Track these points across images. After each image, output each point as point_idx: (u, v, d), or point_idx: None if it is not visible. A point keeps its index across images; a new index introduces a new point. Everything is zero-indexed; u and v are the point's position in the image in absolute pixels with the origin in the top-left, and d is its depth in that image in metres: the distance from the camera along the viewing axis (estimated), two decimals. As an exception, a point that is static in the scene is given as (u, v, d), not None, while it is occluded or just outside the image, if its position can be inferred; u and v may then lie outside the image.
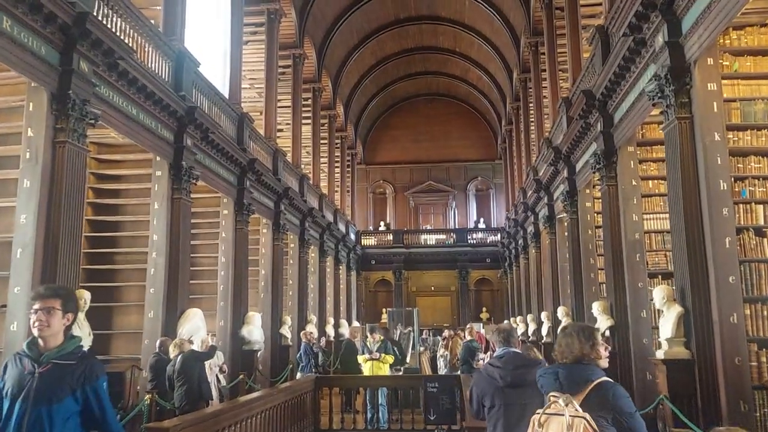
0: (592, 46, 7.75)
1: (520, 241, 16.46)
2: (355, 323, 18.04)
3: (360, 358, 8.41)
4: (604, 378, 2.21)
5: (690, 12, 4.84)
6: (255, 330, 9.82)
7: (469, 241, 23.87)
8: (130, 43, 6.68)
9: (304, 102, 16.48)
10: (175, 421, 4.28)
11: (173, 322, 7.48)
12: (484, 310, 23.02)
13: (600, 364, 2.27)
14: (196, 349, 6.38)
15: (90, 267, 7.93)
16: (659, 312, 5.45)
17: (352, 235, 22.49)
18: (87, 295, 5.89)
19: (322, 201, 17.32)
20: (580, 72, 9.06)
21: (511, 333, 3.21)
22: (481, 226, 24.62)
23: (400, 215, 25.58)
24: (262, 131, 12.52)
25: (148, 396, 5.97)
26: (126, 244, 8.26)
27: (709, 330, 4.77)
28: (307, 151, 18.08)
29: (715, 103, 4.81)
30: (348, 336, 11.30)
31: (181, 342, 6.31)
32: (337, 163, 21.21)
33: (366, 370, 8.14)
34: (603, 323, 7.14)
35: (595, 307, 7.44)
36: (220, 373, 7.81)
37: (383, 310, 20.46)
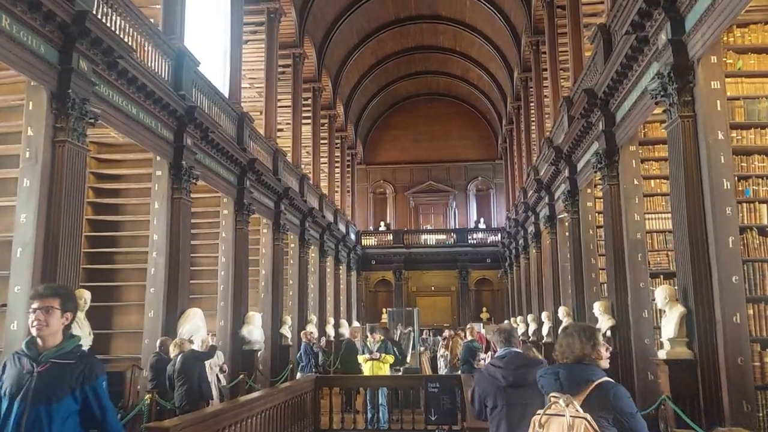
0: (593, 44, 7.72)
1: (521, 241, 16.44)
2: (355, 323, 18.02)
3: (360, 358, 8.39)
4: (605, 378, 2.19)
5: (693, 9, 4.82)
6: (255, 330, 9.81)
7: (469, 241, 23.85)
8: (129, 42, 6.66)
9: (304, 102, 16.46)
10: (175, 420, 4.26)
11: (173, 322, 7.46)
12: (485, 310, 23.01)
13: (600, 365, 2.26)
14: (197, 348, 6.36)
15: (90, 266, 7.91)
16: (661, 312, 5.42)
17: (353, 235, 22.47)
18: (87, 294, 5.88)
19: (322, 201, 17.30)
20: (581, 71, 9.04)
21: (512, 333, 3.20)
22: (482, 226, 24.60)
23: (401, 215, 25.56)
24: (262, 131, 12.50)
25: (148, 396, 5.96)
26: (126, 243, 8.24)
27: (711, 330, 4.74)
28: (307, 151, 18.06)
29: (718, 102, 4.78)
30: (348, 336, 11.28)
31: (181, 342, 6.30)
32: (337, 163, 21.19)
33: (366, 370, 8.13)
34: (604, 323, 7.12)
35: (597, 307, 7.42)
36: (220, 372, 7.79)
37: (383, 310, 20.44)
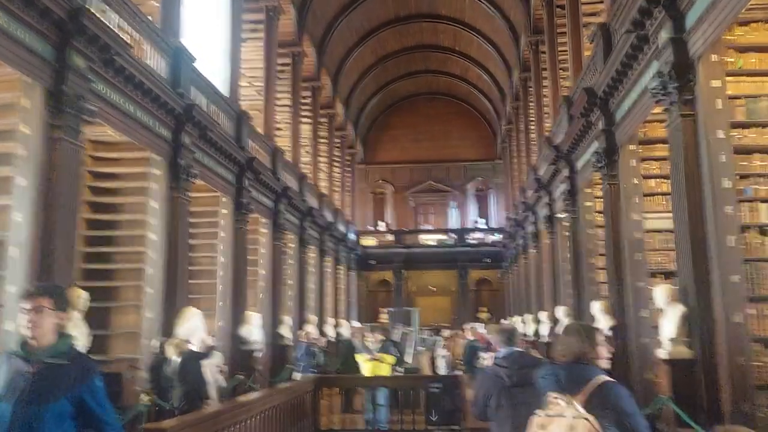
0: (593, 43, 7.70)
1: (520, 241, 16.41)
2: (355, 323, 17.97)
3: (360, 358, 8.35)
4: (606, 378, 2.17)
5: (694, 7, 4.79)
6: (254, 330, 9.76)
7: (468, 241, 23.85)
8: (126, 39, 6.61)
9: (303, 100, 16.42)
10: (173, 421, 4.22)
11: (172, 322, 7.41)
12: (484, 310, 22.99)
13: (600, 365, 2.24)
14: (195, 349, 6.31)
15: (87, 266, 7.86)
16: (661, 311, 5.39)
17: (352, 235, 22.44)
18: (85, 294, 5.82)
19: (322, 201, 17.27)
20: (581, 70, 9.01)
21: (513, 333, 3.20)
22: (481, 226, 24.58)
23: (400, 215, 25.53)
24: (260, 130, 12.46)
25: (146, 396, 5.91)
26: (123, 243, 8.17)
27: (712, 330, 4.72)
28: (306, 151, 18.02)
29: (719, 100, 4.75)
30: (348, 336, 11.24)
31: (179, 342, 6.25)
32: (336, 163, 21.17)
33: (366, 371, 8.09)
34: (604, 323, 7.09)
35: (596, 307, 7.39)
36: (219, 373, 7.74)
37: (383, 310, 20.41)
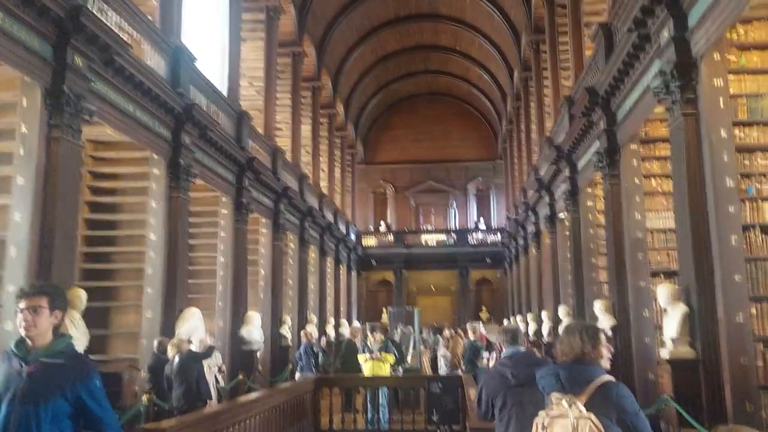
0: (595, 42, 7.67)
1: (521, 241, 16.40)
2: (355, 323, 17.95)
3: (360, 358, 8.33)
4: (607, 377, 2.16)
5: (696, 6, 4.77)
6: (254, 330, 9.75)
7: (469, 241, 23.83)
8: (125, 38, 6.59)
9: (304, 100, 16.41)
10: (173, 421, 4.21)
11: (171, 322, 7.40)
12: (484, 309, 22.99)
13: (601, 365, 2.22)
14: (195, 349, 6.29)
15: (87, 266, 7.85)
16: (663, 311, 5.37)
17: (353, 235, 22.43)
18: (83, 294, 5.81)
19: (322, 201, 17.25)
20: (582, 70, 8.99)
21: (517, 333, 3.21)
22: (482, 226, 24.57)
23: (401, 215, 25.51)
24: (261, 130, 12.44)
25: (146, 396, 5.90)
26: (123, 243, 8.16)
27: (714, 329, 4.70)
28: (306, 150, 18.00)
29: (721, 99, 4.73)
30: (348, 336, 11.22)
31: (179, 342, 6.24)
32: (336, 163, 21.14)
33: (366, 370, 8.07)
34: (605, 322, 7.07)
35: (597, 306, 7.38)
36: (218, 373, 7.72)
37: (383, 310, 20.38)
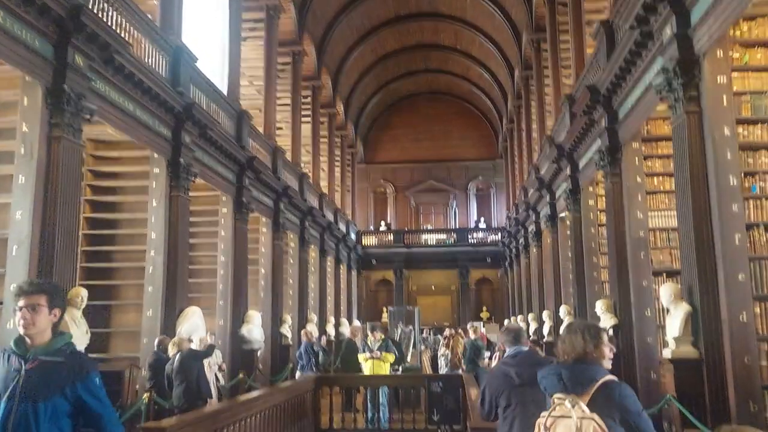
0: (596, 40, 7.65)
1: (521, 240, 16.37)
2: (355, 322, 17.95)
3: (360, 357, 8.32)
4: (609, 377, 2.14)
5: (699, 3, 4.74)
6: (255, 329, 9.74)
7: (469, 241, 23.81)
8: (126, 37, 6.59)
9: (304, 100, 16.38)
10: (173, 420, 4.19)
11: (172, 321, 7.40)
12: (485, 309, 22.98)
13: (602, 364, 2.20)
14: (195, 347, 6.28)
15: (88, 265, 7.84)
16: (666, 310, 5.36)
17: (353, 235, 22.41)
18: (84, 292, 5.81)
19: (322, 200, 17.23)
20: (583, 68, 8.97)
21: (520, 332, 3.19)
22: (482, 225, 24.55)
23: (401, 215, 25.49)
24: (261, 129, 12.42)
25: (146, 395, 5.89)
26: (124, 241, 8.17)
27: (717, 329, 4.68)
28: (306, 150, 17.98)
29: (724, 97, 4.71)
30: (348, 335, 11.21)
31: (180, 340, 6.23)
32: (337, 162, 21.11)
33: (366, 369, 8.06)
34: (606, 322, 7.06)
35: (599, 306, 7.36)
36: (218, 371, 7.72)
37: (384, 309, 20.38)
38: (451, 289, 23.77)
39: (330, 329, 15.63)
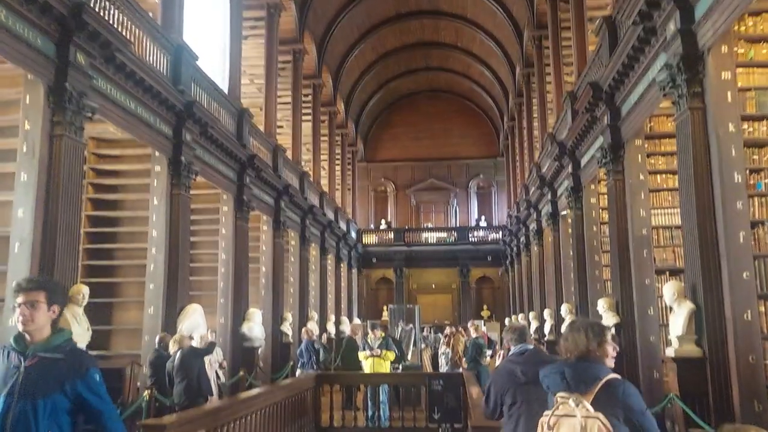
0: (598, 37, 7.61)
1: (522, 239, 16.34)
2: (356, 320, 17.95)
3: (361, 355, 8.31)
4: (613, 375, 2.12)
5: (704, -2, 4.71)
6: (255, 327, 9.73)
7: (470, 239, 23.79)
8: (127, 36, 6.57)
9: (304, 98, 16.35)
10: (173, 417, 4.18)
11: (173, 318, 7.39)
12: (485, 307, 22.97)
13: (605, 363, 2.19)
14: (196, 345, 6.27)
15: (90, 263, 7.84)
16: (669, 309, 5.33)
17: (353, 233, 22.39)
18: (85, 290, 5.79)
19: (323, 198, 17.21)
20: (585, 65, 8.94)
21: (524, 330, 3.19)
22: (483, 224, 24.52)
23: (402, 213, 25.47)
24: (261, 127, 12.40)
25: (147, 392, 5.88)
26: (125, 239, 8.15)
27: (721, 327, 4.65)
28: (307, 148, 17.96)
29: (729, 93, 4.68)
30: (349, 333, 11.20)
31: (180, 338, 6.22)
32: (337, 161, 21.09)
33: (367, 367, 8.05)
34: (609, 320, 7.03)
35: (601, 304, 7.34)
36: (219, 369, 7.71)
37: (384, 307, 20.37)
38: (451, 288, 23.77)
39: (330, 327, 15.63)
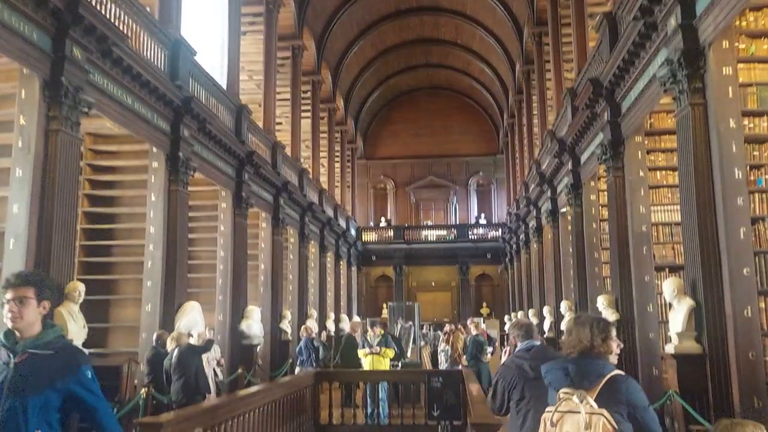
0: (599, 33, 7.58)
1: (522, 236, 16.32)
2: (355, 318, 17.93)
3: (360, 353, 8.29)
4: (617, 372, 2.10)
5: (704, -7, 4.68)
6: (254, 324, 9.71)
7: (469, 237, 23.78)
8: (124, 30, 6.52)
9: (303, 95, 16.30)
10: (170, 415, 4.15)
11: (171, 316, 7.36)
12: (485, 305, 22.96)
13: (608, 359, 2.16)
14: (194, 342, 6.24)
15: (86, 259, 7.79)
16: (669, 306, 5.31)
17: (353, 231, 22.37)
18: (81, 287, 5.77)
19: (322, 196, 17.17)
20: (585, 62, 8.90)
21: (531, 327, 3.18)
22: (482, 221, 24.50)
23: (401, 211, 25.44)
24: (260, 124, 12.35)
25: (144, 390, 5.86)
26: (123, 236, 8.11)
27: (721, 324, 4.64)
28: (306, 145, 17.90)
29: (730, 88, 4.65)
30: (348, 330, 11.18)
31: (178, 335, 6.18)
32: (337, 158, 21.05)
33: (366, 365, 8.03)
34: (608, 317, 6.99)
35: (600, 301, 7.32)
36: (217, 366, 7.68)
37: (384, 305, 20.36)
38: (451, 285, 23.76)
39: (330, 325, 15.60)
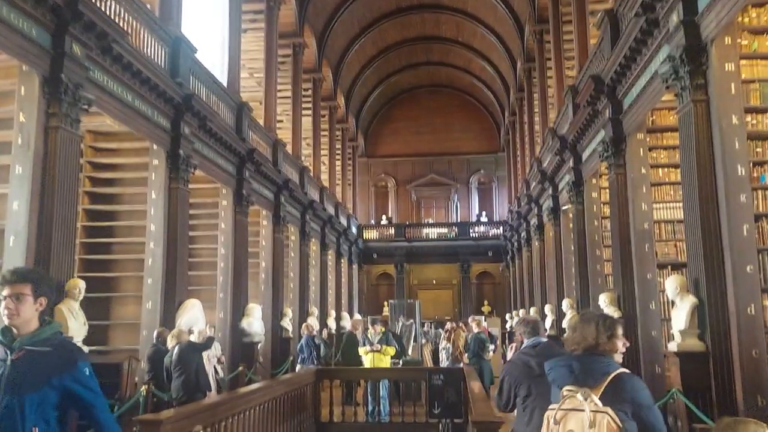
0: (600, 30, 7.54)
1: (523, 234, 16.30)
2: (356, 316, 17.92)
3: (361, 350, 8.28)
4: (622, 370, 2.08)
5: (707, -11, 4.64)
6: (255, 322, 9.70)
7: (471, 235, 23.75)
8: (124, 27, 6.50)
9: (304, 92, 16.27)
10: (171, 412, 4.13)
11: (171, 313, 7.35)
12: (486, 303, 22.94)
13: (613, 358, 2.14)
14: (195, 340, 6.24)
15: (87, 257, 7.79)
16: (671, 303, 5.29)
17: (354, 229, 22.35)
18: (81, 284, 5.76)
19: (323, 194, 17.16)
20: (586, 59, 8.86)
21: (537, 324, 3.17)
22: (484, 219, 24.47)
23: (402, 209, 25.41)
24: (261, 121, 12.33)
25: (144, 387, 5.85)
26: (123, 233, 8.10)
27: (724, 321, 4.62)
28: (307, 143, 17.88)
29: (732, 85, 4.62)
30: (349, 328, 11.17)
31: (179, 333, 6.18)
32: (338, 156, 21.03)
33: (367, 362, 8.02)
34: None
35: (602, 299, 7.30)
36: (218, 364, 7.68)
37: (385, 303, 20.35)
38: (452, 283, 23.75)
39: (331, 323, 15.60)
